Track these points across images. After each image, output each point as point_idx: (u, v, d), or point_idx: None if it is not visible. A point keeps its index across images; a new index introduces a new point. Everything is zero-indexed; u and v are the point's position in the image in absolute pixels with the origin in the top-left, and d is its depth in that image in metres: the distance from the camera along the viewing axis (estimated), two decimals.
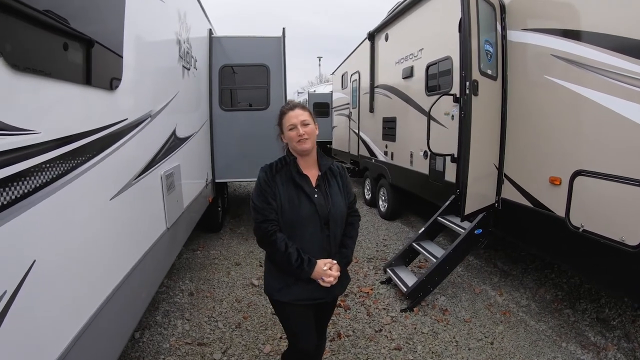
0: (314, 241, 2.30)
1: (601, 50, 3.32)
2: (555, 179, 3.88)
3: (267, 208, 2.24)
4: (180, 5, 4.68)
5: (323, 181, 2.38)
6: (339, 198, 2.39)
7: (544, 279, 5.29)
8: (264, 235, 2.24)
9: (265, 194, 2.25)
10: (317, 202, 2.29)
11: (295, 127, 2.27)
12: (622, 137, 3.20)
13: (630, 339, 3.92)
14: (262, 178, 2.30)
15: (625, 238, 3.15)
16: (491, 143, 4.60)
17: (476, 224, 4.64)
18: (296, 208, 2.25)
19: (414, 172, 6.87)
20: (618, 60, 3.17)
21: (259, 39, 7.63)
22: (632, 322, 4.14)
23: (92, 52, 2.18)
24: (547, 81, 3.94)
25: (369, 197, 9.84)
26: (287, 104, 2.42)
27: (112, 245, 2.50)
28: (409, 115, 7.00)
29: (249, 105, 7.80)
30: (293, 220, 2.26)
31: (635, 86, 3.04)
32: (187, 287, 5.03)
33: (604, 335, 4.00)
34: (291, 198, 2.26)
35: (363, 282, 5.24)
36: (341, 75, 12.38)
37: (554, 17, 3.87)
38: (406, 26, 7.17)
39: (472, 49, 4.08)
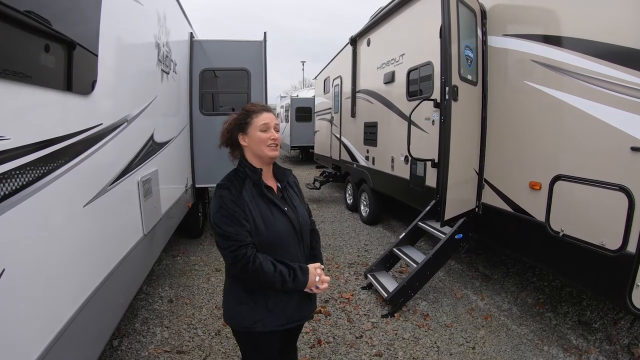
0: (293, 257, 2.06)
1: (580, 56, 3.35)
2: (535, 183, 3.90)
3: (241, 232, 1.88)
4: (159, 7, 4.59)
5: (285, 192, 2.17)
6: (302, 207, 2.21)
7: (525, 282, 5.31)
8: (245, 264, 1.85)
9: (236, 216, 1.89)
10: (290, 215, 2.07)
11: (269, 128, 2.03)
12: (601, 142, 3.23)
13: (612, 342, 3.94)
14: (226, 197, 1.92)
15: (605, 242, 3.17)
16: (471, 148, 4.61)
17: (457, 228, 4.64)
18: (272, 226, 1.98)
19: (395, 177, 6.86)
20: (597, 66, 3.21)
21: (240, 43, 7.56)
22: (613, 325, 4.17)
23: (65, 52, 2.10)
24: (527, 86, 3.96)
25: (350, 202, 9.81)
26: (256, 104, 2.13)
27: (86, 253, 2.43)
28: (390, 120, 7.01)
29: (230, 109, 7.68)
30: (271, 240, 1.97)
31: (613, 91, 3.08)
32: (167, 294, 4.92)
33: (585, 338, 4.02)
34: (265, 215, 1.98)
35: (344, 287, 5.19)
36: (323, 80, 12.36)
37: (534, 23, 3.90)
38: (388, 31, 7.18)
39: (453, 55, 4.09)
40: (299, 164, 20.16)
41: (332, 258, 6.31)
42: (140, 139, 3.69)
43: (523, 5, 4.07)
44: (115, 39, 3.04)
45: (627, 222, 2.99)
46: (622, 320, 4.19)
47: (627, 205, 2.99)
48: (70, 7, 2.24)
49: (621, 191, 3.04)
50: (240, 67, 7.37)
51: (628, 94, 2.97)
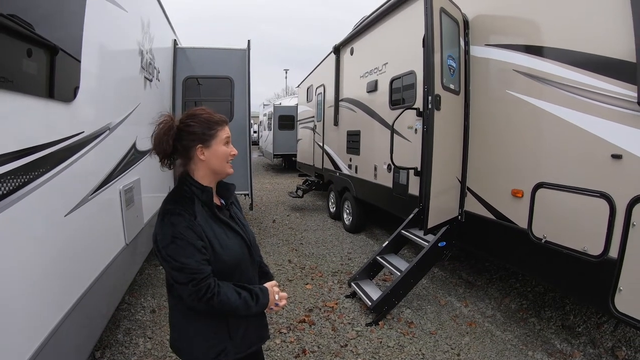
0: (250, 279, 1.92)
1: (561, 65, 3.41)
2: (518, 191, 3.93)
3: (202, 262, 1.64)
4: (143, 14, 4.56)
5: (231, 209, 1.97)
6: (247, 223, 2.03)
7: (509, 288, 5.35)
8: (210, 298, 1.63)
9: (195, 245, 1.64)
10: (242, 234, 1.89)
11: (229, 142, 1.84)
12: (582, 150, 3.28)
13: (596, 345, 3.99)
14: (180, 225, 1.63)
15: (587, 248, 3.22)
16: (454, 157, 4.64)
17: (440, 236, 4.64)
18: (229, 249, 1.78)
19: (377, 185, 6.87)
20: (577, 75, 3.27)
21: (224, 51, 7.54)
22: (597, 328, 4.23)
23: (47, 57, 2.06)
24: (509, 96, 4.01)
25: (333, 210, 9.78)
26: (212, 112, 1.85)
27: (67, 263, 2.38)
28: (373, 129, 7.03)
29: None
30: (230, 264, 1.78)
31: (593, 99, 3.14)
32: (149, 304, 4.81)
33: (569, 342, 4.06)
34: (221, 238, 1.76)
35: (328, 296, 5.15)
36: (307, 88, 12.37)
37: (516, 33, 3.96)
38: (371, 40, 7.23)
39: (435, 64, 4.11)
40: (282, 173, 20.09)
41: (316, 267, 6.26)
42: (123, 148, 3.64)
43: (505, 16, 4.12)
44: (99, 45, 3.00)
45: (609, 228, 3.04)
46: (605, 324, 4.25)
47: (608, 211, 3.04)
48: (54, 11, 2.20)
49: (602, 198, 3.09)
50: (223, 75, 7.35)
51: (608, 103, 3.03)
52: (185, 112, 1.84)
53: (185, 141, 1.75)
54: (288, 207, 11.21)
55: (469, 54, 4.59)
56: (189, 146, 1.76)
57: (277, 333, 4.17)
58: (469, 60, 4.60)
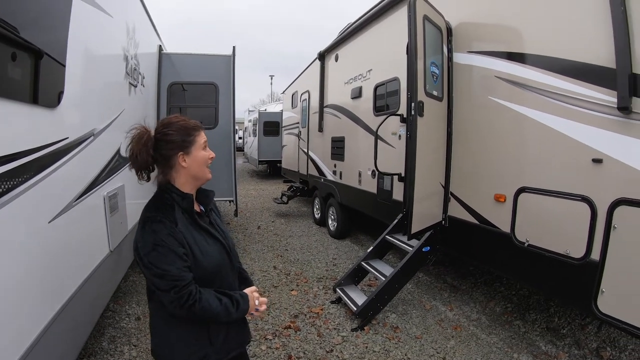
0: (230, 285, 1.91)
1: (542, 72, 3.45)
2: (500, 196, 3.96)
3: (183, 269, 1.64)
4: (129, 20, 4.52)
5: (210, 215, 1.96)
6: (226, 230, 2.02)
7: (494, 292, 5.38)
8: (192, 305, 1.63)
9: (177, 252, 1.63)
10: (222, 240, 1.88)
11: (206, 146, 1.84)
12: (564, 154, 3.32)
13: (580, 346, 4.03)
14: (162, 232, 1.63)
15: (569, 251, 3.25)
16: (437, 162, 4.65)
17: (424, 241, 4.65)
18: (210, 256, 1.77)
19: (362, 191, 6.86)
20: (558, 81, 3.31)
21: (209, 57, 7.51)
22: (581, 330, 4.28)
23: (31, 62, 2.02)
24: (491, 102, 4.05)
25: (318, 216, 9.74)
26: (187, 119, 1.85)
27: (51, 270, 2.34)
28: (358, 135, 7.03)
29: None
30: (211, 271, 1.78)
31: (574, 105, 3.18)
32: (134, 311, 4.71)
33: (554, 344, 4.09)
34: (202, 245, 1.76)
35: (313, 302, 5.12)
36: (291, 95, 12.37)
37: (498, 41, 4.00)
38: (356, 47, 7.25)
39: (418, 71, 4.13)
40: (267, 179, 20.01)
41: (301, 273, 6.22)
42: (107, 154, 3.60)
43: (487, 23, 4.16)
44: (84, 50, 2.97)
45: (590, 231, 3.08)
46: (589, 325, 4.30)
47: (589, 214, 3.08)
48: (39, 15, 2.16)
49: (583, 201, 3.12)
50: (208, 81, 7.31)
51: (589, 108, 3.07)
52: (159, 122, 1.81)
53: (165, 150, 1.74)
54: (273, 213, 11.14)
55: (452, 61, 4.63)
56: (169, 155, 1.74)
57: (262, 339, 4.12)
58: (452, 67, 4.63)
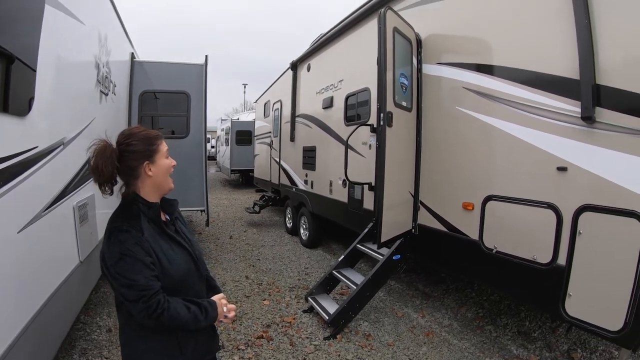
0: (198, 293, 1.88)
1: (508, 83, 3.52)
2: (468, 204, 3.99)
3: (151, 278, 1.61)
4: (101, 27, 4.42)
5: (176, 224, 1.94)
6: (193, 237, 2.00)
7: (465, 298, 5.42)
8: (161, 314, 1.60)
9: (144, 262, 1.61)
10: (189, 248, 1.86)
11: (169, 155, 1.84)
12: (530, 163, 3.37)
13: (551, 349, 4.09)
14: (129, 242, 1.61)
15: (537, 257, 3.30)
16: (406, 171, 4.67)
17: (394, 250, 4.65)
18: (177, 264, 1.75)
19: (333, 200, 6.84)
20: (523, 92, 3.38)
21: (181, 66, 7.40)
22: (552, 332, 4.34)
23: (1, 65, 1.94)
24: (459, 112, 4.09)
25: (290, 225, 9.66)
26: (148, 129, 1.83)
27: (20, 281, 2.28)
28: (329, 145, 7.02)
29: (171, 132, 7.46)
30: (178, 279, 1.75)
31: (539, 115, 3.25)
32: (105, 323, 4.54)
33: (526, 348, 4.14)
34: (168, 254, 1.73)
35: (285, 311, 5.04)
36: (264, 104, 12.28)
37: (466, 52, 4.05)
38: (328, 58, 7.27)
39: (388, 82, 4.15)
40: (239, 188, 19.78)
41: (273, 282, 6.12)
42: (77, 163, 3.49)
43: (456, 35, 4.22)
44: (55, 56, 2.90)
45: (556, 237, 3.14)
46: (560, 328, 4.37)
47: (555, 221, 3.14)
48: (10, 19, 2.09)
49: (549, 208, 3.18)
50: (180, 90, 7.19)
51: (554, 118, 3.14)
52: (120, 134, 1.79)
53: (130, 161, 1.72)
54: (245, 223, 11.00)
55: (421, 72, 4.66)
56: (134, 165, 1.73)
57: (235, 350, 4.02)
58: (421, 78, 4.67)
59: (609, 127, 2.81)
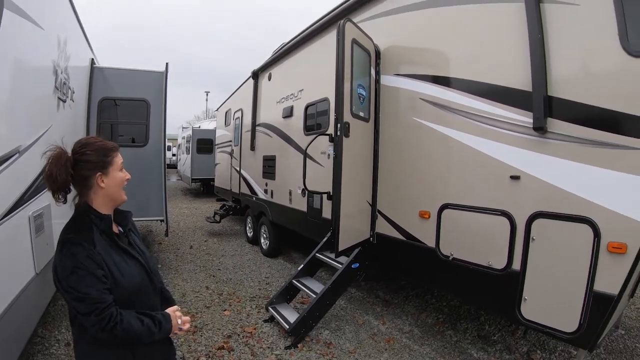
0: (153, 306, 1.84)
1: (464, 94, 3.56)
2: (425, 212, 4.00)
3: (104, 291, 1.58)
4: (61, 32, 4.19)
5: (129, 236, 1.90)
6: (147, 250, 1.96)
7: (425, 304, 5.43)
8: (113, 327, 1.57)
9: (96, 274, 1.57)
10: (142, 261, 1.82)
11: (123, 167, 1.80)
12: (484, 172, 3.41)
13: (511, 351, 4.14)
14: (81, 254, 1.57)
15: (492, 262, 3.33)
16: (364, 181, 4.66)
17: (353, 258, 4.60)
18: (129, 277, 1.71)
19: (293, 209, 6.74)
20: (478, 103, 3.42)
21: (141, 73, 7.16)
22: (511, 335, 4.40)
23: None
24: (416, 122, 4.11)
25: (250, 235, 9.46)
26: (104, 140, 1.79)
27: None
28: (288, 154, 6.93)
29: (131, 140, 7.19)
30: (131, 292, 1.71)
31: (493, 126, 3.29)
32: (64, 337, 4.32)
33: (486, 351, 4.16)
34: (121, 267, 1.70)
35: (246, 321, 4.89)
36: (225, 112, 12.04)
37: (423, 64, 4.08)
38: (288, 67, 7.19)
39: (345, 93, 4.12)
40: (200, 197, 19.32)
41: (234, 292, 5.95)
42: (33, 172, 3.28)
43: (414, 47, 4.24)
44: (12, 61, 2.74)
45: (510, 243, 3.18)
46: (519, 330, 4.43)
47: (509, 228, 3.18)
48: None
49: (503, 216, 3.22)
50: (139, 97, 6.96)
51: (507, 129, 3.19)
52: (77, 142, 1.74)
53: (84, 170, 1.68)
54: (206, 233, 10.72)
55: (379, 83, 4.67)
56: (87, 175, 1.69)
57: None
58: (379, 89, 4.67)
59: (560, 137, 2.87)
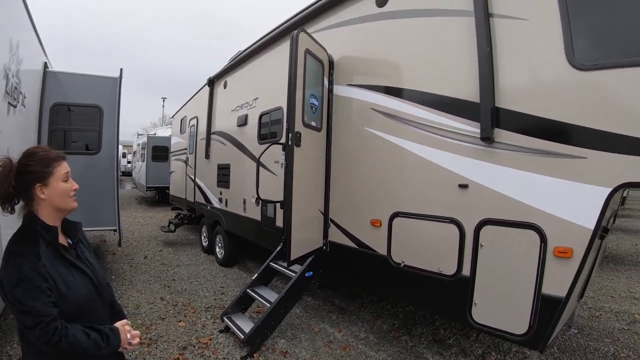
0: (101, 319, 1.79)
1: (414, 105, 3.57)
2: (376, 221, 3.99)
3: (48, 304, 1.54)
4: (13, 35, 3.91)
5: (78, 248, 1.83)
6: (97, 263, 1.90)
7: (381, 310, 5.41)
8: (58, 340, 1.52)
9: (40, 287, 1.53)
10: (90, 274, 1.76)
11: (69, 178, 1.75)
12: (433, 181, 3.42)
13: (466, 354, 4.16)
14: (24, 266, 1.53)
15: (442, 269, 3.34)
16: (316, 190, 4.60)
17: (306, 267, 4.54)
18: (76, 290, 1.66)
19: (247, 218, 6.59)
20: (427, 114, 3.45)
21: (94, 78, 6.80)
22: (466, 338, 4.44)
23: None
24: (367, 132, 4.10)
25: (206, 244, 9.18)
26: (48, 149, 1.75)
27: None
28: (243, 163, 6.79)
29: (85, 148, 6.83)
30: (77, 305, 1.65)
31: (442, 135, 3.32)
32: (16, 352, 4.07)
33: (441, 355, 4.17)
34: (67, 279, 1.64)
35: (201, 332, 4.72)
36: (180, 120, 11.67)
37: (374, 75, 4.07)
38: (244, 75, 7.06)
39: (297, 103, 4.07)
40: (155, 206, 18.66)
41: (189, 303, 5.72)
42: None
43: (366, 58, 4.22)
44: None
45: (460, 250, 3.21)
46: (473, 333, 4.47)
47: (458, 235, 3.20)
48: None
49: (452, 223, 3.24)
50: (92, 103, 6.64)
51: (456, 139, 3.21)
52: (23, 153, 1.71)
53: (25, 182, 1.65)
54: (161, 242, 10.31)
55: (332, 93, 4.63)
56: (28, 186, 1.66)
57: None
58: (332, 99, 4.63)
59: (506, 147, 2.91)
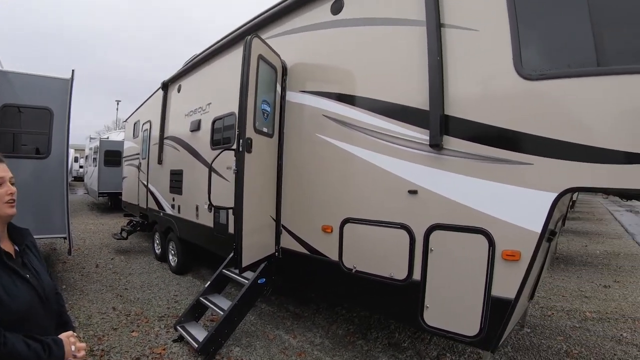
0: (44, 329, 1.70)
1: (365, 112, 3.57)
2: (327, 227, 3.95)
3: None
4: None
5: (25, 256, 1.77)
6: (44, 272, 1.82)
7: (335, 315, 5.36)
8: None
9: None
10: (34, 283, 1.69)
11: (5, 182, 1.68)
12: (383, 187, 3.41)
13: (422, 356, 4.18)
14: None
15: (393, 274, 3.33)
16: (268, 196, 4.50)
17: (259, 273, 4.44)
18: (17, 298, 1.59)
19: (200, 225, 6.38)
20: (377, 121, 3.45)
21: (44, 79, 6.37)
22: (421, 341, 4.45)
23: None
24: (319, 139, 4.06)
25: (159, 251, 8.81)
26: None
27: None
28: (195, 169, 6.57)
29: (35, 151, 6.42)
30: (18, 314, 1.58)
31: (391, 142, 3.34)
32: None
33: (397, 358, 4.17)
34: (7, 287, 1.58)
35: (155, 342, 4.52)
36: (134, 123, 11.13)
37: (327, 82, 4.04)
38: (198, 80, 6.85)
39: (248, 109, 3.96)
40: (108, 212, 17.79)
41: (141, 312, 5.45)
42: None
43: (319, 65, 4.19)
44: None
45: (410, 255, 3.21)
46: (428, 336, 4.49)
47: (408, 240, 3.21)
48: None
49: (402, 229, 3.24)
50: (42, 105, 6.27)
51: (406, 146, 3.22)
52: None
53: None
54: (113, 250, 9.80)
55: (284, 99, 4.55)
56: None
57: None
58: (284, 105, 4.55)
59: (455, 154, 2.93)
